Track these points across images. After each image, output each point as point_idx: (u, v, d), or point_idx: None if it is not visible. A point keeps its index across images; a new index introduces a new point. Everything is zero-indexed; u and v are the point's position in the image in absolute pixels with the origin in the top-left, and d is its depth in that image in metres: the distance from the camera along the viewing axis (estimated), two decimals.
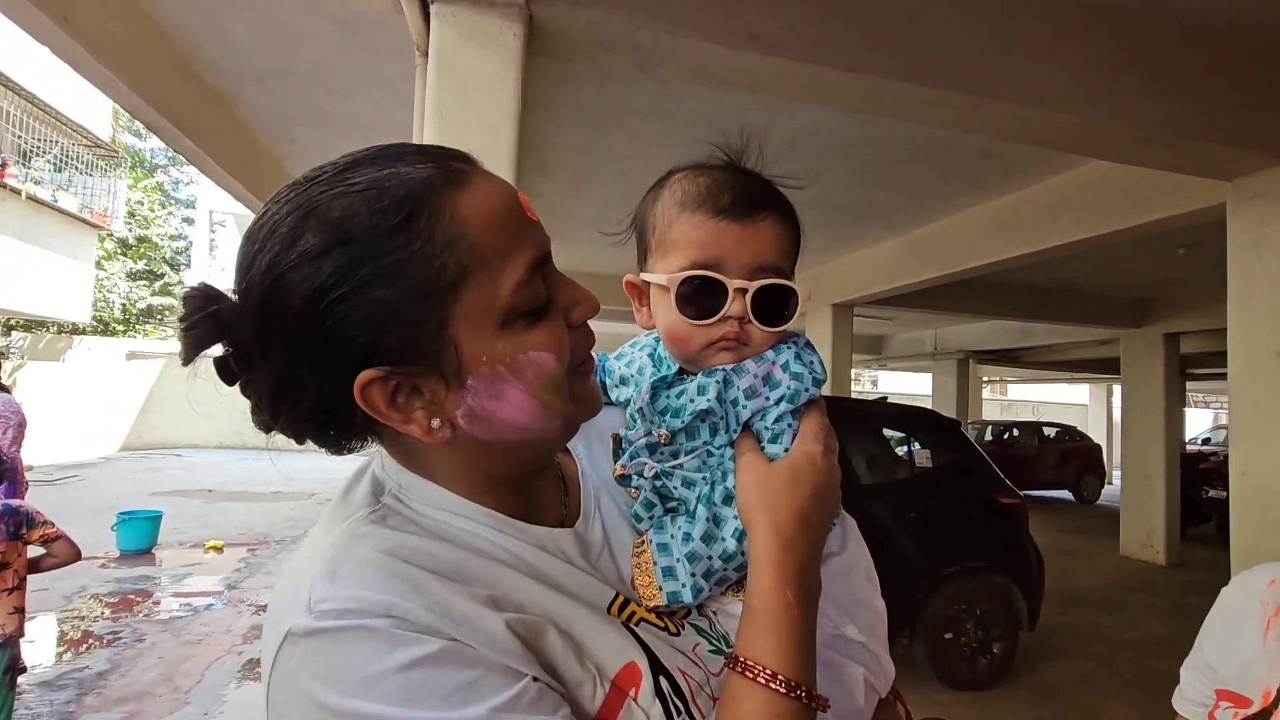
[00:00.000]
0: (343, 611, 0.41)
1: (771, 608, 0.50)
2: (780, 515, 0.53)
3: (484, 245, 0.46)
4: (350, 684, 0.39)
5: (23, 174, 9.86)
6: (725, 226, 0.58)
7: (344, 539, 0.46)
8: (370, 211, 0.44)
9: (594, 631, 0.50)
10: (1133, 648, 4.78)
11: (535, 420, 0.50)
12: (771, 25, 2.07)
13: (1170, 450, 7.78)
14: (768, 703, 0.47)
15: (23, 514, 2.26)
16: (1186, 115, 2.49)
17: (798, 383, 0.59)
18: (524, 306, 0.48)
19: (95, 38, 2.34)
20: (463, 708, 0.40)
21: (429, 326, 0.46)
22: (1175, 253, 5.61)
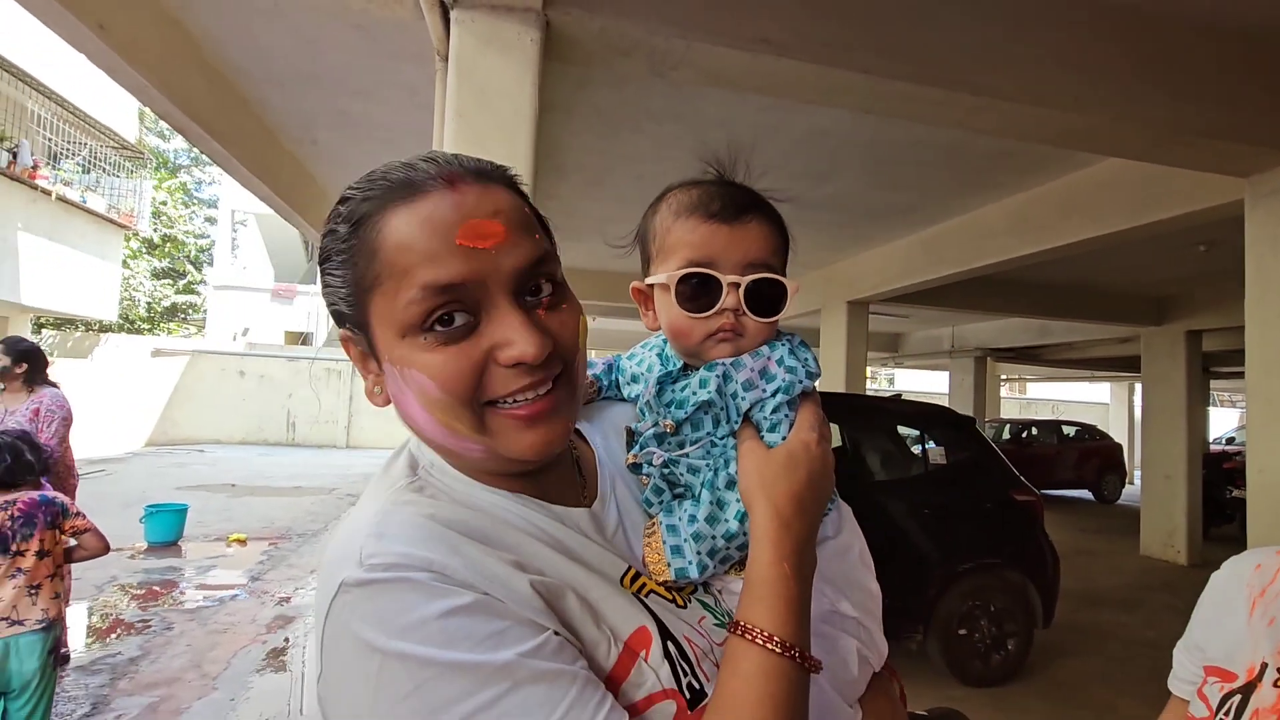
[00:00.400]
0: (389, 565, 0.46)
1: (769, 579, 0.55)
2: (778, 498, 0.58)
3: (395, 258, 0.51)
4: (395, 628, 0.44)
5: (53, 175, 10.11)
6: (716, 229, 0.65)
7: (389, 504, 0.52)
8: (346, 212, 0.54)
9: (608, 599, 0.55)
10: (1150, 646, 4.74)
11: (438, 434, 0.54)
12: (782, 29, 2.10)
13: (1192, 449, 7.68)
14: (765, 661, 0.51)
15: (59, 504, 2.36)
16: (1200, 114, 2.49)
17: (791, 375, 0.64)
18: (416, 322, 0.51)
19: (129, 46, 2.43)
20: (493, 652, 0.45)
21: (361, 312, 0.54)
22: (1196, 250, 5.55)
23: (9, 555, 2.19)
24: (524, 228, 0.54)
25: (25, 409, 3.43)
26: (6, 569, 2.17)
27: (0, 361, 3.42)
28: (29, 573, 2.20)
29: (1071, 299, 7.58)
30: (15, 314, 11.19)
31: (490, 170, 0.55)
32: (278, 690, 3.47)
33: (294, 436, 16.08)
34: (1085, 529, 9.63)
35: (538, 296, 0.55)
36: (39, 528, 2.26)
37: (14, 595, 2.17)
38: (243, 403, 15.82)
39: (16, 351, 3.48)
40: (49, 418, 3.44)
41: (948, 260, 5.42)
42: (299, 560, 5.99)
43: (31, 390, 3.49)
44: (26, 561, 2.21)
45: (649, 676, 0.52)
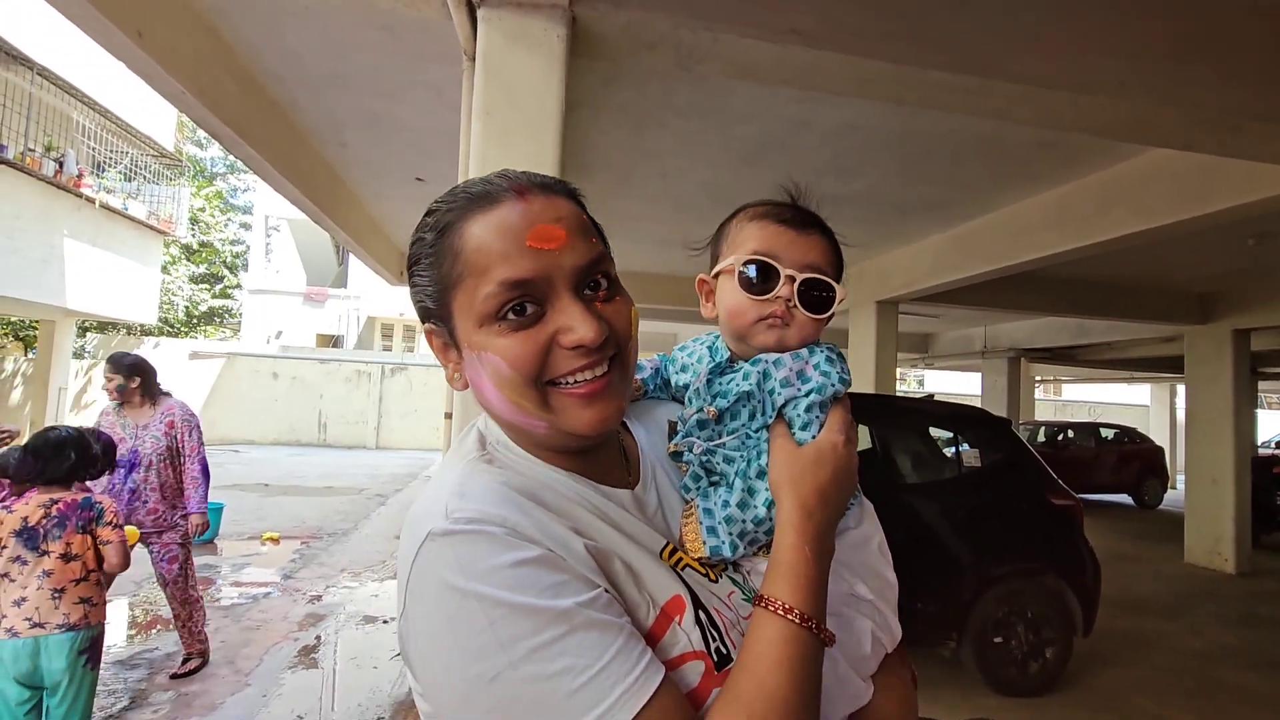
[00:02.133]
0: (471, 519, 0.54)
1: (792, 561, 0.62)
2: (804, 490, 0.65)
3: (474, 259, 0.60)
4: (474, 572, 0.52)
5: (96, 184, 10.44)
6: (783, 231, 0.75)
7: (468, 471, 0.62)
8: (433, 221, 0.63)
9: (648, 568, 0.62)
10: (1198, 657, 4.56)
11: (507, 411, 0.62)
12: (812, 19, 2.06)
13: (1240, 453, 7.38)
14: (784, 630, 0.58)
15: (98, 509, 2.32)
16: (1251, 98, 2.38)
17: (825, 379, 0.71)
18: (493, 313, 0.59)
19: (166, 53, 2.48)
20: (555, 599, 0.52)
21: (444, 306, 0.63)
22: (1245, 243, 5.33)
23: (37, 554, 2.19)
24: (583, 232, 0.62)
25: (157, 422, 3.40)
26: (33, 568, 2.18)
27: (115, 380, 3.36)
28: (53, 575, 2.19)
29: (1111, 296, 7.34)
30: (61, 318, 11.58)
31: (554, 184, 0.64)
32: (309, 687, 3.51)
33: (325, 437, 16.37)
34: (1125, 534, 9.34)
35: (595, 290, 0.63)
36: (69, 530, 2.24)
37: (38, 597, 2.16)
38: (275, 404, 16.15)
39: (126, 367, 3.40)
40: (186, 427, 3.44)
41: (981, 257, 5.29)
42: (330, 559, 6.07)
43: (154, 403, 3.46)
44: (51, 563, 2.20)
45: (681, 638, 0.59)
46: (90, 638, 2.27)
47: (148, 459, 3.36)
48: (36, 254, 9.26)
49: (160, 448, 3.39)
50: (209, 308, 24.11)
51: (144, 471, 3.34)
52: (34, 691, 2.17)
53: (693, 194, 4.85)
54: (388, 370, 16.88)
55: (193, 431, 3.45)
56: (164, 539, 3.42)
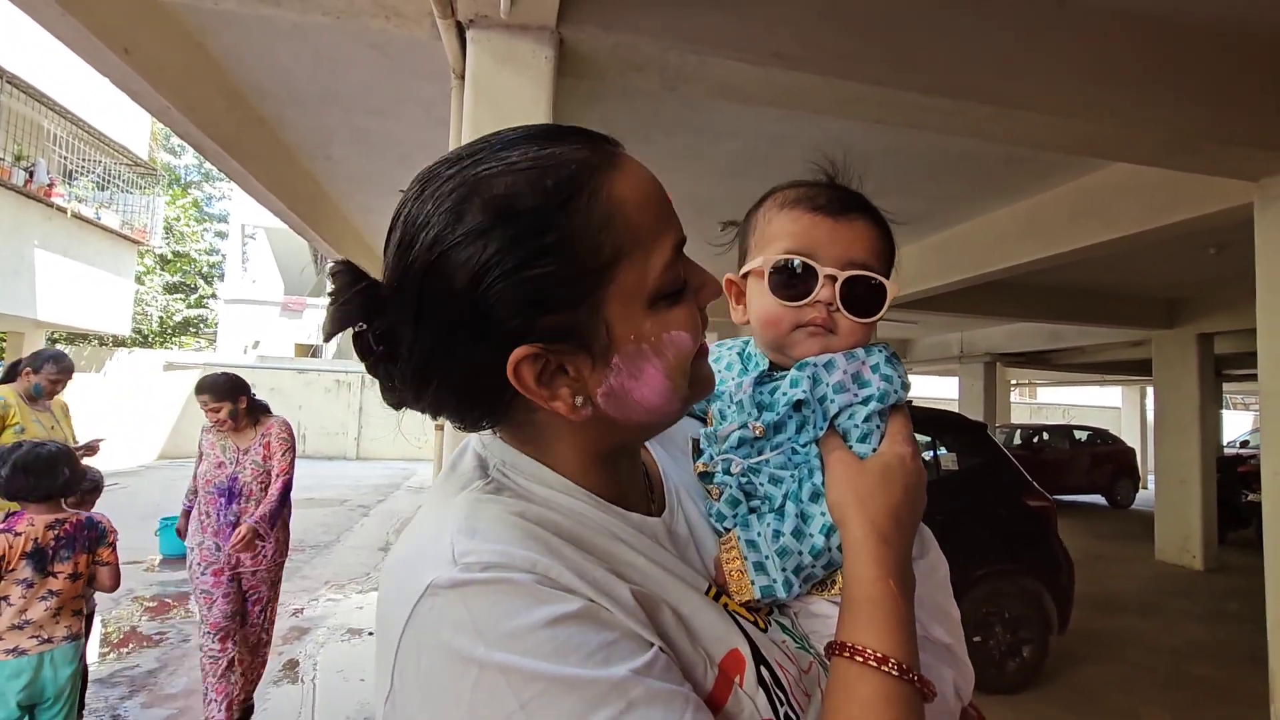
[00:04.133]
0: (488, 565, 0.41)
1: (876, 597, 0.51)
2: (876, 512, 0.54)
3: (636, 227, 0.47)
4: (497, 636, 0.39)
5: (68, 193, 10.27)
6: (819, 220, 0.63)
7: (472, 503, 0.47)
8: (533, 190, 0.45)
9: (699, 614, 0.50)
10: (1170, 652, 4.70)
11: (664, 401, 0.51)
12: (795, 43, 2.13)
13: (1206, 453, 7.63)
14: (882, 686, 0.47)
15: (101, 529, 2.34)
16: (1210, 119, 2.50)
17: (887, 384, 0.61)
18: (668, 288, 0.49)
19: (153, 69, 2.49)
20: (605, 667, 0.40)
21: (585, 306, 0.46)
22: (1207, 252, 5.54)
23: (44, 575, 2.18)
24: None
25: (257, 445, 3.07)
26: (38, 589, 2.18)
27: (223, 409, 3.00)
28: (59, 594, 2.20)
29: (1082, 302, 7.56)
30: (30, 329, 11.33)
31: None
32: (295, 701, 3.49)
33: (304, 448, 16.13)
34: (1099, 534, 9.55)
35: None
36: (77, 550, 2.25)
37: (43, 616, 2.17)
38: None
39: (229, 390, 3.04)
40: (281, 447, 3.11)
41: (958, 266, 5.43)
42: (312, 572, 6.02)
43: (255, 422, 3.14)
44: (59, 584, 2.21)
45: (746, 705, 0.47)
46: (83, 645, 2.33)
47: (247, 487, 3.02)
48: (6, 265, 9.09)
49: (260, 474, 3.07)
50: (184, 318, 23.71)
51: (244, 502, 3.01)
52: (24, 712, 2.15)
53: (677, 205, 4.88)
54: (368, 380, 16.59)
55: (286, 452, 3.13)
56: (257, 576, 3.08)
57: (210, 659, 2.93)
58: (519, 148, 0.47)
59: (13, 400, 3.42)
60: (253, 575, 3.04)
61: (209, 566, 2.96)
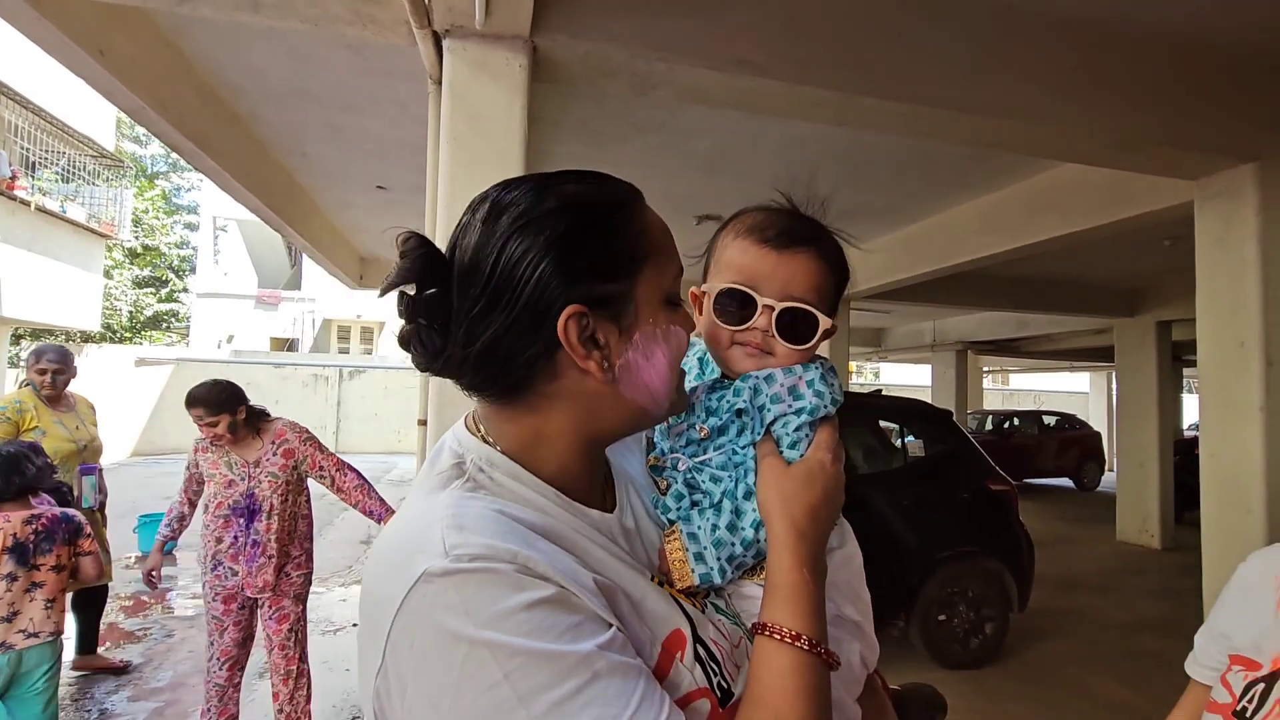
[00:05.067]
0: (475, 556, 0.47)
1: (791, 584, 0.59)
2: (795, 510, 0.63)
3: (659, 241, 0.61)
4: (483, 617, 0.46)
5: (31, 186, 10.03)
6: (765, 254, 0.70)
7: (457, 500, 0.54)
8: (594, 195, 0.59)
9: (648, 597, 0.59)
10: (1122, 628, 4.94)
11: (663, 390, 0.61)
12: (758, 50, 2.23)
13: (1164, 436, 7.94)
14: (795, 658, 0.56)
15: (77, 523, 2.40)
16: (1151, 123, 2.65)
17: (819, 399, 0.68)
18: (676, 296, 0.62)
19: (128, 70, 2.51)
20: (575, 643, 0.47)
21: (624, 283, 0.58)
22: (1162, 244, 5.77)
23: (28, 569, 2.25)
24: None
25: (271, 454, 2.74)
26: (23, 582, 2.24)
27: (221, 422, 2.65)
28: (45, 587, 2.27)
29: (1047, 292, 7.81)
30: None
31: None
32: None
33: None
34: (1065, 517, 9.88)
35: None
36: (58, 543, 2.32)
37: (31, 608, 2.23)
38: None
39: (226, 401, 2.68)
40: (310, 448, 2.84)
41: (925, 258, 5.60)
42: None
43: (259, 431, 2.80)
44: (43, 576, 2.27)
45: (685, 676, 0.56)
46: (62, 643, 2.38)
47: (268, 502, 2.68)
48: None
49: (281, 485, 2.71)
50: (155, 312, 23.26)
51: (267, 519, 2.68)
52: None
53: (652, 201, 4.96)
54: (346, 374, 16.60)
55: (320, 448, 2.87)
56: (279, 591, 2.75)
57: (216, 687, 2.73)
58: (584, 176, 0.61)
59: (30, 403, 3.32)
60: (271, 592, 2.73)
61: (222, 593, 2.71)
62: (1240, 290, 2.82)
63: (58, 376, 3.38)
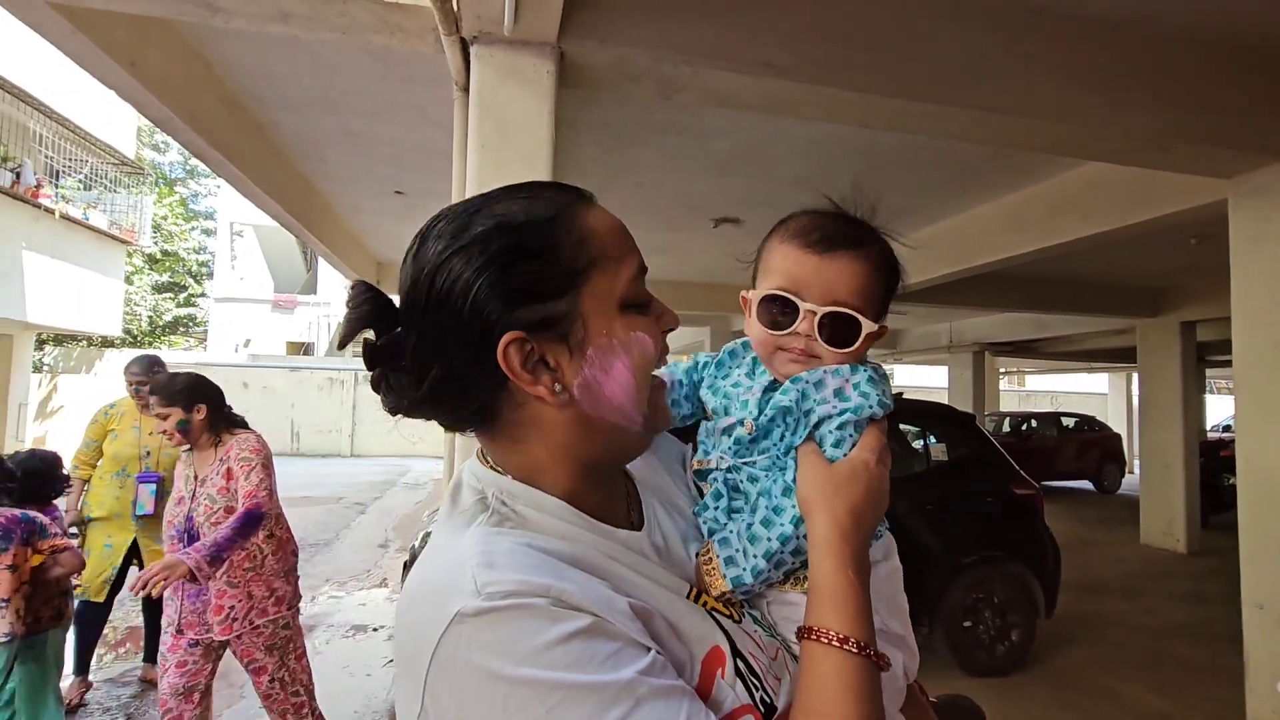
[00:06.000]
0: (509, 593, 0.47)
1: (836, 585, 0.57)
2: (838, 508, 0.61)
3: (607, 246, 0.58)
4: (521, 654, 0.45)
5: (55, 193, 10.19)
6: (807, 258, 0.70)
7: (484, 537, 0.54)
8: (526, 211, 0.57)
9: (684, 617, 0.58)
10: (1151, 633, 4.86)
11: (629, 403, 0.58)
12: (784, 53, 2.21)
13: (1189, 438, 7.80)
14: (843, 661, 0.54)
15: (37, 524, 2.37)
16: (1183, 120, 2.60)
17: (864, 400, 0.67)
18: (634, 298, 0.59)
19: (156, 81, 2.54)
20: (615, 672, 0.46)
21: (565, 299, 0.56)
22: (1188, 243, 5.68)
23: None
24: None
25: (216, 473, 2.36)
26: None
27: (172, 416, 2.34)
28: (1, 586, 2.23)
29: (1067, 293, 7.70)
30: (19, 331, 11.26)
31: None
32: None
33: (298, 446, 16.17)
34: (1086, 520, 9.75)
35: None
36: (14, 543, 2.28)
37: None
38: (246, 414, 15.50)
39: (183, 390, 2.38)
40: (244, 468, 2.33)
41: (943, 260, 5.54)
42: (313, 570, 6.08)
43: (219, 441, 2.43)
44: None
45: (728, 694, 0.55)
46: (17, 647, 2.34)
47: (199, 530, 2.28)
48: None
49: (214, 511, 2.30)
50: (174, 317, 23.57)
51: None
52: None
53: (669, 203, 5.00)
54: (361, 377, 16.71)
55: (251, 472, 2.32)
56: (243, 642, 2.35)
57: None
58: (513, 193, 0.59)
59: (122, 408, 3.50)
60: (239, 640, 2.33)
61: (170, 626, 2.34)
62: (1276, 289, 2.76)
63: (140, 388, 3.43)
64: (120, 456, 3.39)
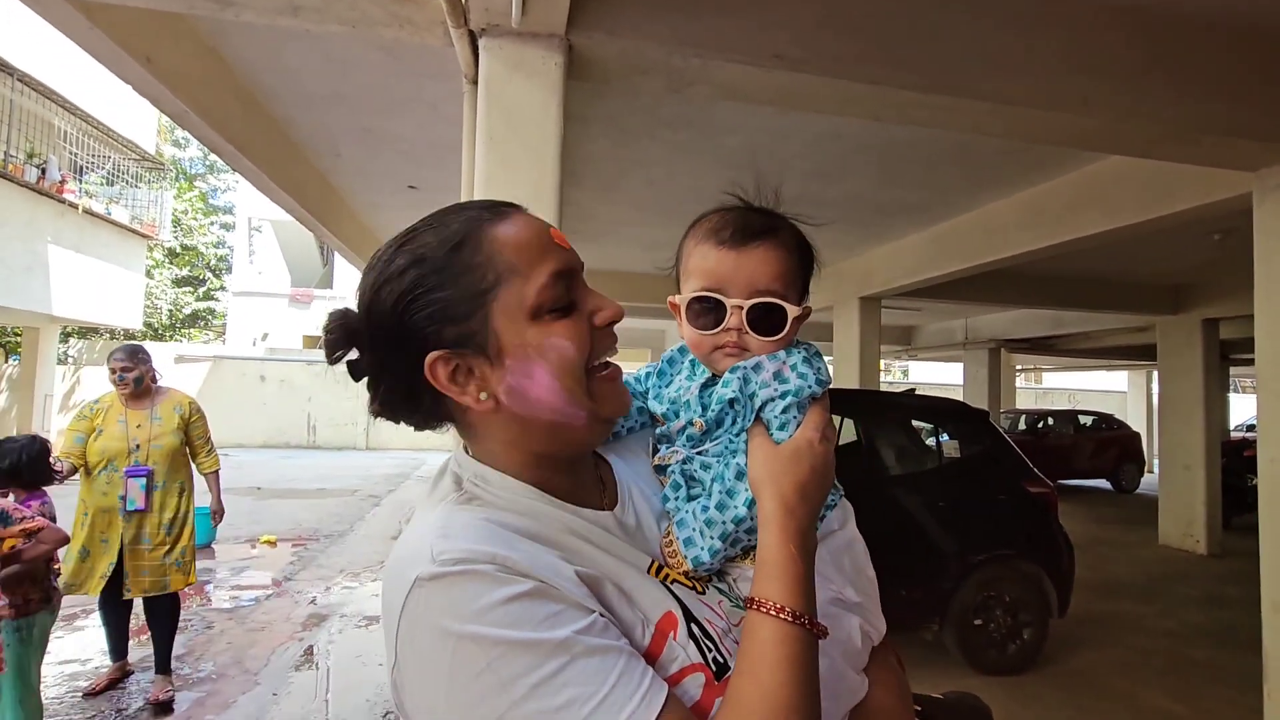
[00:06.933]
0: (458, 559, 0.53)
1: (779, 560, 0.62)
2: (784, 487, 0.65)
3: (514, 259, 0.62)
4: (467, 613, 0.51)
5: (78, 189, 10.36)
6: (724, 255, 0.73)
7: (447, 511, 0.61)
8: (436, 240, 0.62)
9: (639, 587, 0.63)
10: (1169, 636, 4.79)
11: (560, 401, 0.63)
12: (795, 45, 2.19)
13: (1210, 439, 7.66)
14: (779, 629, 0.58)
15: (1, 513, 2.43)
16: (1208, 112, 2.54)
17: (802, 381, 0.71)
18: (548, 304, 0.62)
19: (172, 76, 2.57)
20: (551, 631, 0.52)
21: (476, 318, 0.61)
22: (1211, 239, 5.56)
23: None
24: None
25: None
26: None
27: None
28: None
29: (1085, 290, 7.58)
30: (45, 324, 11.49)
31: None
32: (312, 687, 3.62)
33: (314, 439, 16.36)
34: (1102, 519, 9.62)
35: None
36: None
37: None
38: (264, 407, 16.11)
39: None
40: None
41: (958, 255, 5.47)
42: (327, 561, 6.16)
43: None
44: None
45: (679, 653, 0.60)
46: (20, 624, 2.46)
47: None
48: (20, 261, 9.20)
49: None
50: (193, 311, 23.91)
51: None
52: None
53: (679, 199, 4.98)
54: None
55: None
56: None
57: None
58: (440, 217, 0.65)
59: (106, 403, 3.41)
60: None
61: None
62: None
63: (125, 374, 3.36)
64: (107, 451, 3.29)
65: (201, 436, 3.60)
